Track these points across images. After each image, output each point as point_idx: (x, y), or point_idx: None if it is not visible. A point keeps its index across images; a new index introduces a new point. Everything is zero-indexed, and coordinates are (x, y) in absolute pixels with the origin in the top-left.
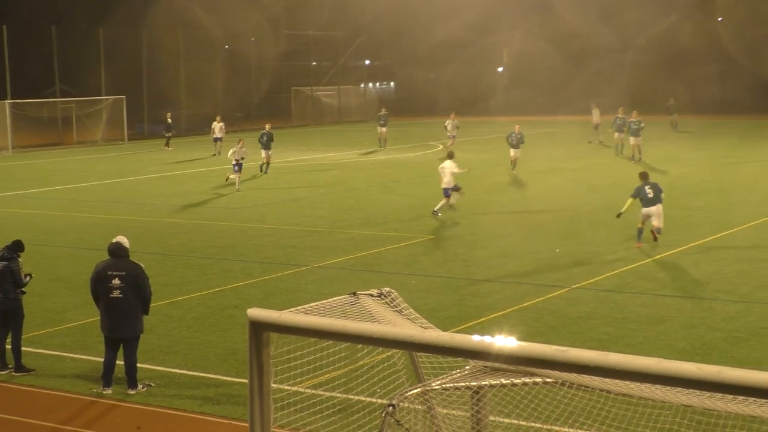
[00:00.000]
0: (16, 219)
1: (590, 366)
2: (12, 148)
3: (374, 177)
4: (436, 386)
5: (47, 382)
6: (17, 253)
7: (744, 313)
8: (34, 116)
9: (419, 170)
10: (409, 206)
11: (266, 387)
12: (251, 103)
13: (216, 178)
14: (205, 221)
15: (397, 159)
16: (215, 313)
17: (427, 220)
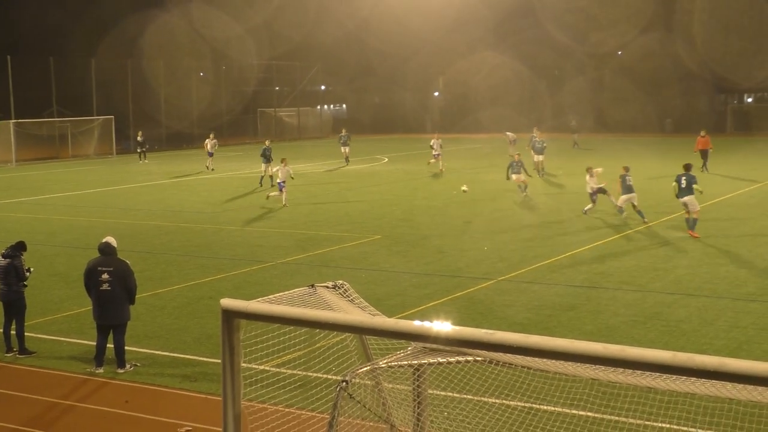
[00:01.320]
0: (19, 222)
1: (513, 346)
2: (15, 161)
3: (330, 186)
4: (383, 365)
5: (47, 363)
6: (20, 252)
7: (641, 300)
8: (34, 134)
9: (369, 179)
10: (360, 210)
11: (237, 366)
12: (223, 122)
13: (194, 186)
14: (183, 224)
15: (350, 170)
16: (192, 303)
17: (375, 223)
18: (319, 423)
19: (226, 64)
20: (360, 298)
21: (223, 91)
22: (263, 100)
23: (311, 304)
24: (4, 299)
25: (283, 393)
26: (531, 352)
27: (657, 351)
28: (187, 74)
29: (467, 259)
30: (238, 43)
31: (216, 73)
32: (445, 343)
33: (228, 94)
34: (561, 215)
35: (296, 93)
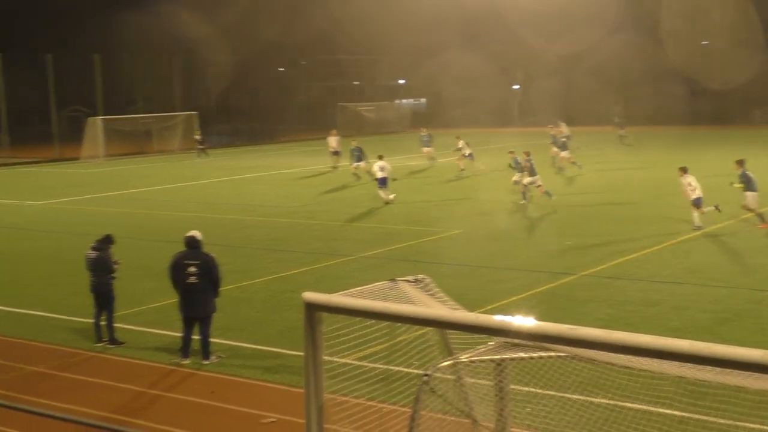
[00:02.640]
0: (106, 216)
1: (596, 342)
2: (103, 156)
3: (409, 180)
4: (464, 359)
5: (135, 353)
6: (109, 245)
7: (729, 297)
8: (121, 130)
9: (448, 174)
10: (440, 205)
11: (319, 359)
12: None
13: (274, 181)
14: (264, 218)
15: (429, 164)
16: (275, 296)
17: (455, 217)
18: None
19: (307, 60)
20: (441, 292)
21: (303, 86)
22: (343, 95)
23: (392, 297)
24: (94, 291)
25: (365, 386)
26: (614, 348)
27: (746, 349)
28: (267, 70)
29: (549, 253)
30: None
31: (296, 68)
32: (526, 338)
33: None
34: (644, 211)
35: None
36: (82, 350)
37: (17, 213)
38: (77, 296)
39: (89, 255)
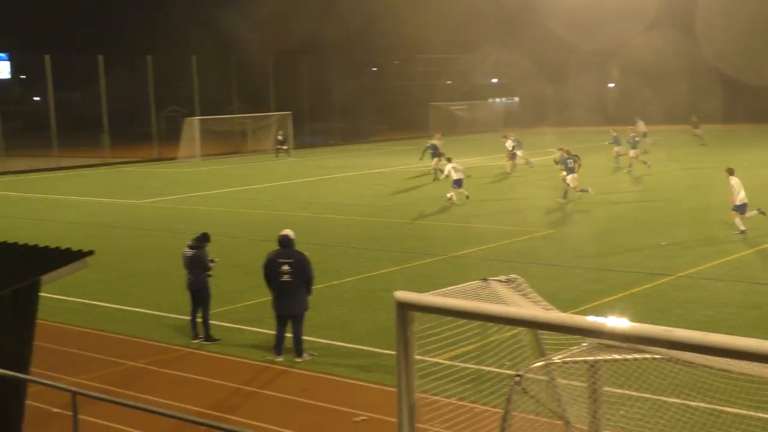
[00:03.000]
0: (202, 215)
1: (694, 345)
2: (200, 156)
3: (500, 178)
4: (557, 360)
5: (230, 350)
6: (205, 243)
7: None
8: (216, 130)
9: (540, 173)
10: (531, 204)
11: (411, 358)
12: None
13: (367, 180)
14: (356, 217)
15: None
16: (366, 295)
17: (547, 217)
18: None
19: (400, 59)
20: (533, 292)
21: (396, 85)
22: (435, 94)
23: (484, 297)
24: (190, 288)
25: (456, 386)
26: (713, 351)
27: None
28: (359, 69)
29: (644, 254)
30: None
31: (388, 67)
32: (621, 339)
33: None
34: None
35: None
36: (180, 347)
37: (117, 212)
38: (175, 294)
39: (186, 253)
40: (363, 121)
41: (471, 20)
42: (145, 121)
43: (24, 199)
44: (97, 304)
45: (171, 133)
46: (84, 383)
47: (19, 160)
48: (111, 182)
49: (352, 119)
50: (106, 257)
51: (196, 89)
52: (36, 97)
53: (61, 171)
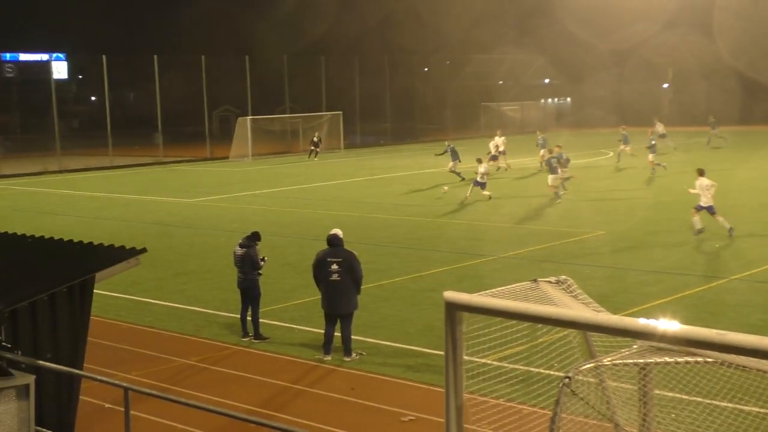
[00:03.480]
0: (254, 214)
1: (747, 349)
2: (251, 155)
3: None
4: (607, 362)
5: (279, 349)
6: (255, 242)
7: None
8: (268, 129)
9: (592, 174)
10: (582, 206)
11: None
12: (446, 116)
13: (418, 180)
14: (406, 217)
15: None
16: (415, 295)
17: (598, 218)
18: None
19: (451, 60)
20: (584, 294)
21: (447, 85)
22: (487, 94)
23: (534, 298)
24: (240, 287)
25: (505, 387)
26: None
27: None
28: (410, 70)
29: (696, 256)
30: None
31: (439, 68)
32: (672, 342)
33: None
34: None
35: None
36: (230, 345)
37: (170, 210)
38: (225, 292)
39: (237, 252)
40: (413, 121)
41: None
42: (198, 121)
43: (79, 197)
44: (149, 301)
45: (223, 132)
46: (136, 379)
47: (75, 159)
48: (164, 181)
49: (403, 119)
50: (159, 255)
51: (249, 89)
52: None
53: (115, 170)
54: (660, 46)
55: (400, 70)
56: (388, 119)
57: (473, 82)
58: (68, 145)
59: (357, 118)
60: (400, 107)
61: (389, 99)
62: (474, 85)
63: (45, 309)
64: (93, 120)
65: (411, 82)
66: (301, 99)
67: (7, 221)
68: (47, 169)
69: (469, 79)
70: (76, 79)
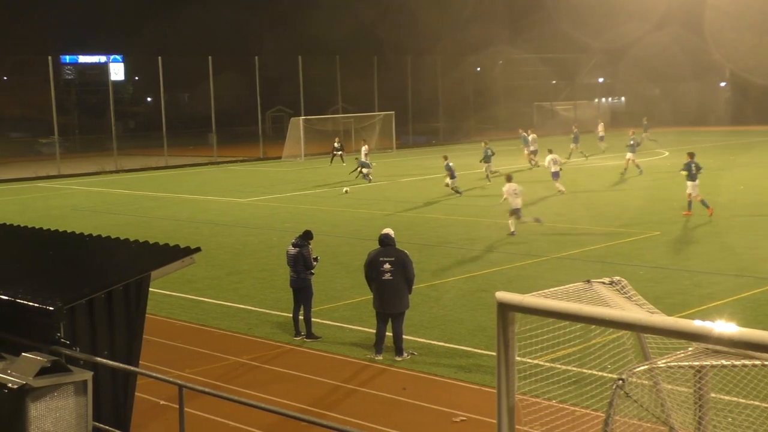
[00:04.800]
0: (305, 213)
1: None
2: (303, 155)
3: (604, 180)
4: (661, 364)
5: (331, 348)
6: (308, 241)
7: None
8: (320, 129)
9: (647, 174)
10: (637, 206)
11: (511, 359)
12: (498, 116)
13: (469, 180)
14: (458, 216)
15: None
16: (467, 295)
17: (653, 218)
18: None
19: (503, 59)
20: (638, 295)
21: (498, 85)
22: (540, 94)
23: (587, 299)
24: (293, 286)
25: (557, 388)
26: None
27: None
28: (462, 70)
29: (755, 257)
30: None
31: (491, 67)
32: (728, 345)
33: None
34: None
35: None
36: (282, 343)
37: (224, 210)
38: (278, 291)
39: (289, 251)
40: (466, 121)
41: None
42: (251, 121)
43: (135, 196)
44: (202, 299)
45: (276, 132)
46: (189, 377)
47: (131, 159)
48: (217, 181)
49: (455, 119)
50: (213, 254)
51: (302, 89)
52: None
53: (170, 169)
54: (720, 46)
55: (453, 70)
56: (440, 119)
57: (526, 82)
58: (124, 145)
59: (409, 118)
60: (453, 107)
61: (441, 99)
62: (527, 85)
63: (102, 306)
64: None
65: (463, 82)
66: (354, 99)
67: (66, 220)
68: (104, 169)
69: (521, 78)
70: (132, 81)
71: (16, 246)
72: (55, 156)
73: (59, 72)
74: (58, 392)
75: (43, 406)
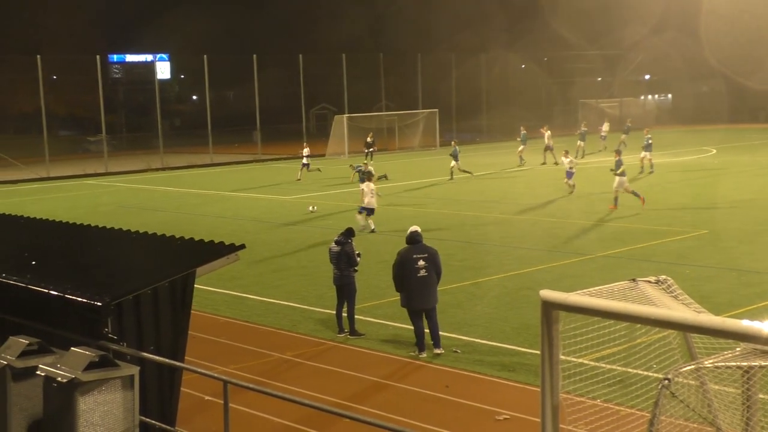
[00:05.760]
0: (349, 211)
1: None
2: (348, 153)
3: (650, 178)
4: (708, 364)
5: (374, 345)
6: (350, 238)
7: None
8: (364, 127)
9: (694, 172)
10: (684, 204)
11: (555, 358)
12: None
13: (514, 178)
14: (501, 215)
15: (672, 163)
16: (511, 293)
17: (700, 217)
18: (639, 420)
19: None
20: (684, 294)
21: (544, 82)
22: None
23: (632, 298)
24: (336, 283)
25: (602, 387)
26: None
27: None
28: (506, 67)
29: None
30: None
31: (538, 64)
32: None
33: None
34: None
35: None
36: (325, 340)
37: (268, 207)
38: (321, 288)
39: (332, 249)
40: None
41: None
42: (295, 119)
43: (181, 194)
44: (247, 296)
45: (320, 130)
46: (234, 373)
47: (177, 157)
48: (262, 178)
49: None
50: (257, 251)
51: (345, 87)
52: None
53: (215, 167)
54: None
55: (496, 67)
56: (484, 116)
57: (571, 79)
58: (170, 143)
59: (453, 115)
60: (497, 104)
61: (485, 96)
62: (571, 82)
63: (148, 302)
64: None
65: (507, 79)
66: (398, 97)
67: (113, 217)
68: (150, 167)
69: (566, 75)
70: (178, 79)
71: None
72: (102, 154)
73: (107, 71)
74: (105, 386)
75: (92, 400)
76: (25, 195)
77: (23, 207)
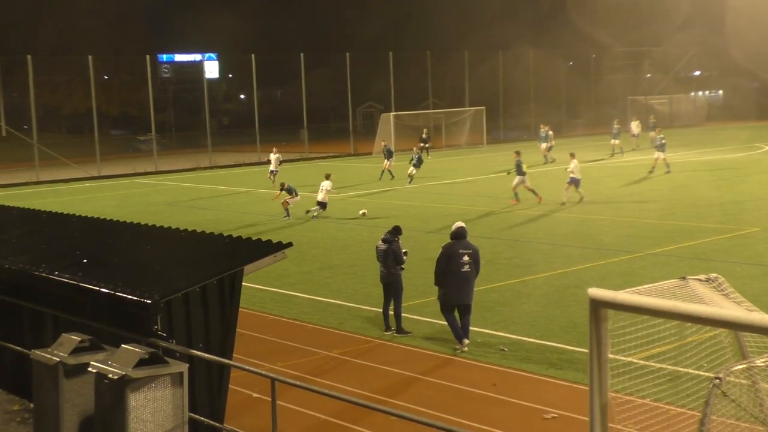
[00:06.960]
0: (395, 209)
1: None
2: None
3: (701, 175)
4: (760, 363)
5: (421, 343)
6: (397, 236)
7: None
8: (410, 125)
9: (745, 169)
10: (736, 201)
11: (604, 356)
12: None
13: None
14: (548, 212)
15: (723, 159)
16: (558, 291)
17: (752, 214)
18: (689, 420)
19: (596, 53)
20: (735, 292)
21: (593, 79)
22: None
23: (682, 296)
24: (383, 281)
25: (651, 386)
26: None
27: None
28: (554, 64)
29: None
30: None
31: (585, 61)
32: None
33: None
34: None
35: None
36: (372, 338)
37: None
38: (368, 286)
39: (379, 247)
40: (558, 115)
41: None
42: (342, 117)
43: (229, 192)
44: (293, 294)
45: (367, 128)
46: (281, 370)
47: (225, 155)
48: (309, 176)
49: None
50: (304, 249)
51: (392, 85)
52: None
53: (263, 165)
54: None
55: (544, 64)
56: (531, 114)
57: (619, 75)
58: (219, 141)
59: (500, 113)
60: (545, 102)
61: (533, 93)
62: (620, 79)
63: (197, 300)
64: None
65: (555, 77)
66: (445, 94)
67: (162, 215)
68: (199, 165)
69: (615, 72)
70: (226, 78)
71: (115, 241)
72: (152, 153)
73: (156, 71)
74: (155, 383)
75: (142, 397)
76: (77, 194)
77: (74, 206)
